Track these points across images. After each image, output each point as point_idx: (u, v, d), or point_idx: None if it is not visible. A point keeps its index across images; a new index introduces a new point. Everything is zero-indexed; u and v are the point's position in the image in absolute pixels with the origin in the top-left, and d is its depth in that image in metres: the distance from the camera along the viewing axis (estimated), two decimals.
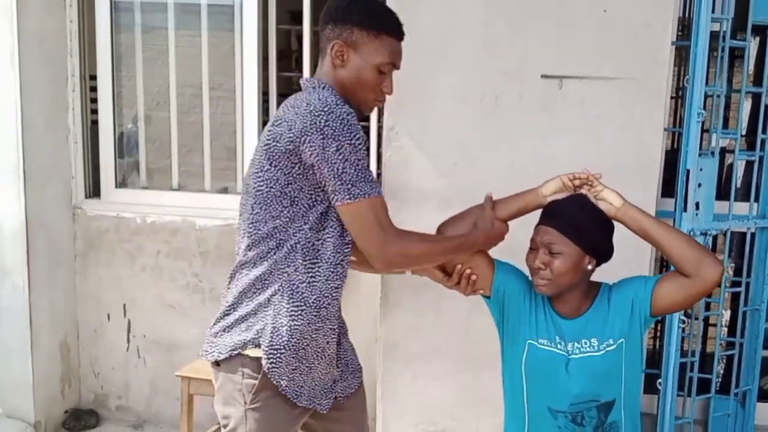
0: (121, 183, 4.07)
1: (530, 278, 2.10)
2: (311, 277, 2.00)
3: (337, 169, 1.88)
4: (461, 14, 3.06)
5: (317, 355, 2.06)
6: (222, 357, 2.03)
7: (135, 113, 4.08)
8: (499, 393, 2.21)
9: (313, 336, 2.03)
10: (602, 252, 2.06)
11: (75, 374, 4.06)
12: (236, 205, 3.67)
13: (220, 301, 2.12)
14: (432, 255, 2.03)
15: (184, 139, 4.02)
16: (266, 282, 2.00)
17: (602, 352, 2.06)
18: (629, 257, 3.04)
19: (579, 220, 2.02)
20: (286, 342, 1.99)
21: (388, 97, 2.11)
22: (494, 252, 2.14)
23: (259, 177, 1.98)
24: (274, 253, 1.99)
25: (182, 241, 3.82)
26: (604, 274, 2.12)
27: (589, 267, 2.05)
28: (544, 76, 3.04)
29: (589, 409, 2.04)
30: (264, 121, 3.81)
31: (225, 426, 2.07)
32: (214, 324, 2.09)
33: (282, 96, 3.94)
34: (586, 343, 2.06)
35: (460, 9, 3.05)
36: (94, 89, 3.97)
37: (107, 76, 3.93)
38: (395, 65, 2.05)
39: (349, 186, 1.89)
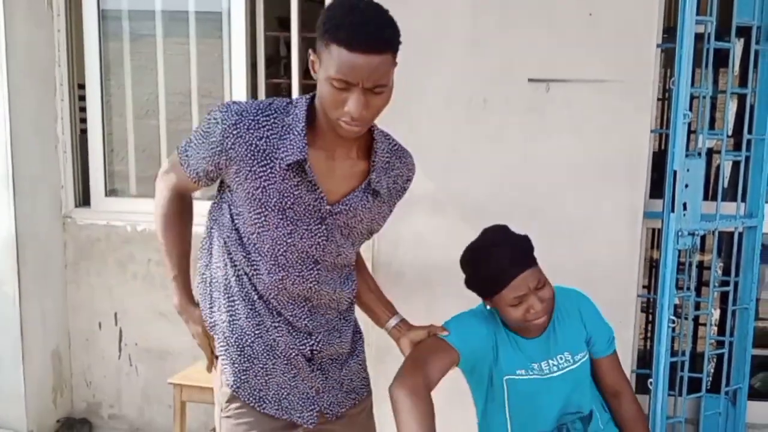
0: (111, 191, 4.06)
1: (492, 323, 2.08)
2: (237, 270, 1.93)
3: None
4: (448, 17, 3.07)
5: (268, 354, 1.92)
6: None
7: None
8: None
9: (255, 332, 1.91)
10: None
11: (67, 383, 4.04)
12: None
13: None
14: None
15: (173, 146, 4.01)
16: (205, 278, 2.07)
17: (578, 363, 2.09)
18: (621, 259, 3.08)
19: (526, 246, 2.03)
20: (228, 338, 1.93)
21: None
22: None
23: None
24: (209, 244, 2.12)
25: None
26: (595, 276, 2.12)
27: None
28: (531, 80, 3.05)
29: (573, 421, 2.06)
30: None
31: None
32: None
33: None
34: (561, 359, 2.07)
35: (447, 12, 3.07)
36: (82, 98, 3.96)
37: (96, 84, 3.91)
38: (348, 82, 1.63)
39: (183, 142, 1.99)
